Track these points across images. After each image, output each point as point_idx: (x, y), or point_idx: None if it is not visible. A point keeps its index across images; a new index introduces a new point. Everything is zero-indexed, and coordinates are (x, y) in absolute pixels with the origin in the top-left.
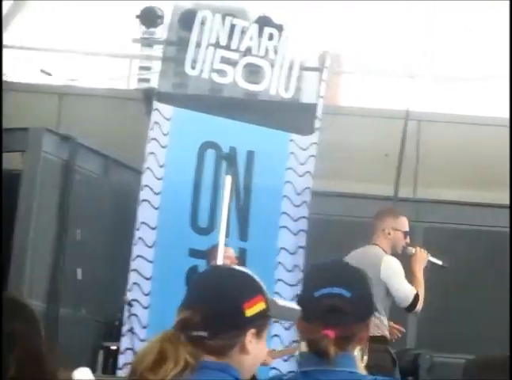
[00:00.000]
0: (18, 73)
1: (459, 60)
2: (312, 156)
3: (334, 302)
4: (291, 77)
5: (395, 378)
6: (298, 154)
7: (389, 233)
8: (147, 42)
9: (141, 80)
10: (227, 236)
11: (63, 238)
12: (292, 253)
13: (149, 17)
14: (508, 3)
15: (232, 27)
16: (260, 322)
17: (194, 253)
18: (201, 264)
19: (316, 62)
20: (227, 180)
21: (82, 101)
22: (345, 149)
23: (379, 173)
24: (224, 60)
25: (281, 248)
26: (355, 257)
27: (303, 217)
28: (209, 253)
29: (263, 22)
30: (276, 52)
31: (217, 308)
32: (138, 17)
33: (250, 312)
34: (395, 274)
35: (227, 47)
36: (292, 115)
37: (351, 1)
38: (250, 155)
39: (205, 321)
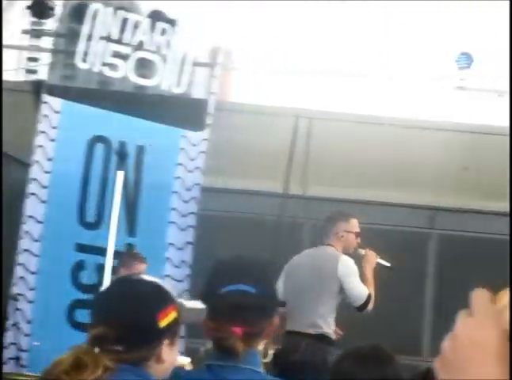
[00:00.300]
0: None
1: (350, 56)
2: (203, 152)
3: (240, 299)
4: (183, 73)
5: (319, 377)
6: (188, 150)
7: (342, 236)
8: (37, 33)
9: (29, 71)
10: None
11: None
12: (179, 249)
13: (40, 9)
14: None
15: (124, 21)
16: (173, 330)
17: (81, 248)
18: (87, 259)
19: (208, 58)
20: (119, 176)
21: None
22: (235, 145)
23: (269, 170)
24: (116, 54)
25: (169, 243)
26: (309, 255)
27: (192, 213)
28: (121, 260)
29: (156, 17)
30: (168, 47)
31: (131, 323)
32: (28, 7)
33: (163, 323)
34: (353, 273)
35: (119, 41)
36: (183, 111)
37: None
38: (140, 150)
39: (120, 336)
